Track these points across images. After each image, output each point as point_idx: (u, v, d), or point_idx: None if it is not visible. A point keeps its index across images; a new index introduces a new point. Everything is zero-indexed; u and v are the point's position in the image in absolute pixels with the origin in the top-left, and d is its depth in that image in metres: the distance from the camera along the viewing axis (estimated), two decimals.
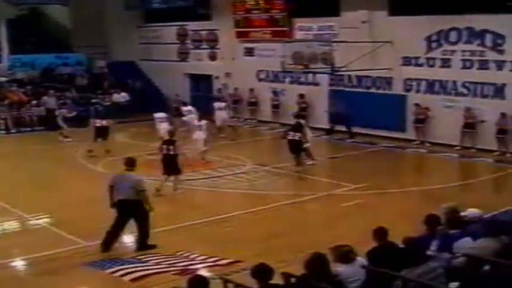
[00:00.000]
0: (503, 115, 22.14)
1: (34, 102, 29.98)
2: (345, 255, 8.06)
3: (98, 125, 23.30)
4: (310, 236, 13.30)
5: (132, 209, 12.68)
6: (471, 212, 9.71)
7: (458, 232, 8.65)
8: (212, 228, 14.18)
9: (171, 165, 17.02)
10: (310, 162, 20.13)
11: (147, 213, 12.80)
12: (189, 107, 25.99)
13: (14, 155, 24.40)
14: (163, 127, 22.51)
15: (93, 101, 32.00)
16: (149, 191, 13.57)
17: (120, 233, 12.95)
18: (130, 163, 13.24)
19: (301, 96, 28.44)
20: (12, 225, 14.90)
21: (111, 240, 12.78)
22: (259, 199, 16.82)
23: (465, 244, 8.24)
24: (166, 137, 18.20)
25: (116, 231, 12.81)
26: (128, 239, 13.45)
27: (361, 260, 8.12)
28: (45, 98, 29.85)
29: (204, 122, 21.90)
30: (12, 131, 28.84)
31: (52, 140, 25.55)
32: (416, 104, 24.56)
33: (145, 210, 12.74)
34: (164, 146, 17.21)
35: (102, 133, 23.05)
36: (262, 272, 7.34)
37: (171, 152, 16.98)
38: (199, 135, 21.35)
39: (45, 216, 15.25)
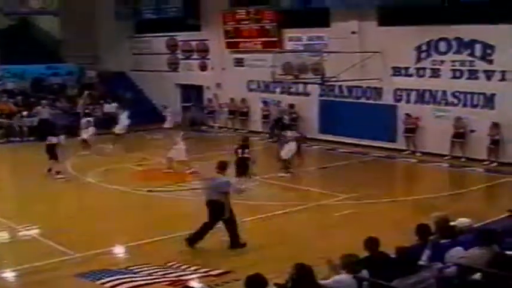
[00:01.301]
0: (495, 125, 22.24)
1: (25, 112, 29.88)
2: (350, 264, 8.05)
3: (47, 142, 21.23)
4: (302, 247, 13.27)
5: (219, 209, 13.14)
6: (462, 221, 9.72)
7: (449, 242, 8.66)
8: (203, 240, 14.11)
9: (243, 167, 18.56)
10: (282, 174, 20.46)
11: (232, 215, 13.29)
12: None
13: (4, 165, 24.31)
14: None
15: (85, 111, 31.92)
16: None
17: (207, 233, 13.26)
18: (222, 166, 13.67)
19: (291, 106, 28.46)
20: (2, 236, 14.80)
21: (196, 239, 13.23)
22: (251, 209, 16.77)
23: (456, 254, 8.26)
24: (239, 142, 19.66)
25: (203, 230, 13.23)
26: (119, 249, 13.40)
27: (365, 272, 8.07)
28: (38, 108, 29.80)
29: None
30: (2, 141, 28.69)
31: (41, 150, 25.41)
32: (407, 114, 24.64)
33: (231, 211, 13.26)
34: (239, 150, 18.92)
35: (49, 152, 20.97)
36: (255, 283, 7.30)
37: (245, 155, 18.73)
38: (181, 145, 21.36)
39: (35, 227, 15.15)
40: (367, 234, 8.98)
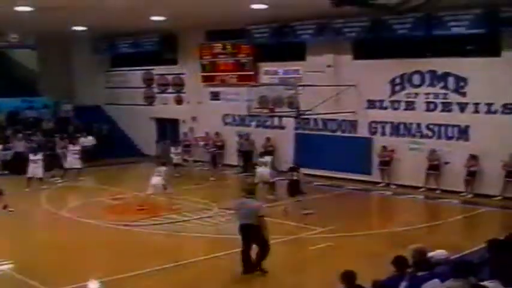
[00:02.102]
0: (472, 157, 22.42)
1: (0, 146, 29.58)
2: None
3: None
4: (277, 280, 13.20)
5: (252, 232, 13.41)
6: (439, 253, 9.72)
7: (426, 274, 8.63)
8: (178, 274, 14.00)
9: (294, 188, 19.62)
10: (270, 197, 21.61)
11: (266, 239, 13.50)
12: None
13: None
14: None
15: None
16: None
17: (250, 253, 13.59)
18: (251, 191, 14.25)
19: (268, 139, 28.49)
20: None
21: (248, 263, 13.56)
22: (226, 243, 16.66)
23: (433, 286, 8.23)
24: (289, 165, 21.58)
25: (246, 254, 13.58)
26: (93, 285, 13.25)
27: None
28: (15, 141, 29.58)
29: (163, 168, 21.66)
30: None
31: (16, 184, 25.16)
32: (384, 147, 24.77)
33: (244, 239, 13.54)
34: (289, 173, 20.31)
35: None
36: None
37: (295, 178, 19.87)
38: (157, 180, 21.02)
39: (7, 262, 14.90)
40: (343, 267, 8.95)
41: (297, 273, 13.93)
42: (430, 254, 9.47)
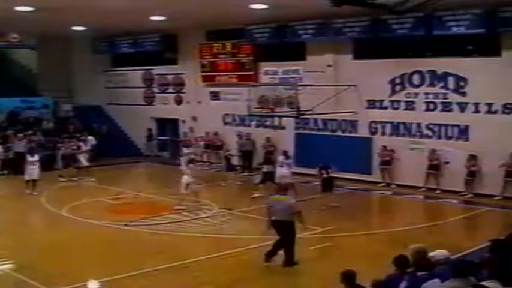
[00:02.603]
0: (472, 157, 22.42)
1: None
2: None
3: None
4: (277, 281, 13.19)
5: (284, 228, 14.05)
6: (439, 253, 9.68)
7: (427, 274, 8.60)
8: (178, 274, 13.99)
9: (328, 185, 21.07)
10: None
11: (295, 234, 14.15)
12: None
13: None
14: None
15: (60, 145, 31.75)
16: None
17: (293, 248, 14.15)
18: (284, 189, 14.94)
19: (268, 139, 28.49)
20: None
21: (272, 253, 14.23)
22: (226, 243, 16.67)
23: (433, 286, 8.21)
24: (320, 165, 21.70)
25: (276, 247, 14.22)
26: (93, 285, 13.24)
27: None
28: (16, 141, 29.57)
29: (191, 165, 21.78)
30: None
31: (15, 183, 25.17)
32: (384, 146, 24.77)
33: (294, 231, 14.14)
34: (323, 171, 21.20)
35: None
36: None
37: (330, 175, 21.18)
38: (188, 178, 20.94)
39: (7, 261, 14.91)
40: (343, 267, 8.94)
41: (297, 273, 13.91)
42: (430, 254, 9.45)
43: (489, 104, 22.22)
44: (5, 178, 27.59)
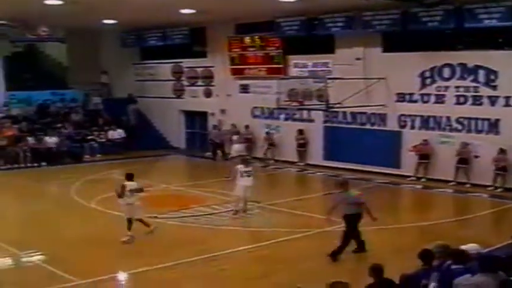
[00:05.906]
0: (502, 151, 22.21)
1: (29, 138, 29.88)
2: None
3: None
4: (304, 274, 13.17)
5: (359, 219, 14.52)
6: (472, 246, 9.58)
7: (461, 268, 8.48)
8: (205, 266, 14.04)
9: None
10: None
11: (351, 230, 14.46)
12: None
13: (7, 191, 24.30)
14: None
15: (89, 137, 32.08)
16: None
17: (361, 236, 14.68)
18: (345, 185, 15.05)
19: (300, 132, 28.45)
20: (4, 262, 14.72)
21: (361, 243, 14.71)
22: (254, 236, 16.72)
23: (464, 282, 8.13)
24: None
25: (357, 236, 14.67)
26: (122, 276, 13.33)
27: None
28: (46, 138, 29.88)
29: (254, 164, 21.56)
30: (5, 167, 28.62)
31: (46, 176, 25.44)
32: (425, 140, 24.48)
33: (351, 226, 14.43)
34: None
35: None
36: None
37: None
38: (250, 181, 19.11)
39: (38, 253, 15.08)
40: (372, 261, 8.93)
41: (324, 266, 13.84)
42: (463, 247, 9.33)
43: None
44: (34, 171, 27.81)
